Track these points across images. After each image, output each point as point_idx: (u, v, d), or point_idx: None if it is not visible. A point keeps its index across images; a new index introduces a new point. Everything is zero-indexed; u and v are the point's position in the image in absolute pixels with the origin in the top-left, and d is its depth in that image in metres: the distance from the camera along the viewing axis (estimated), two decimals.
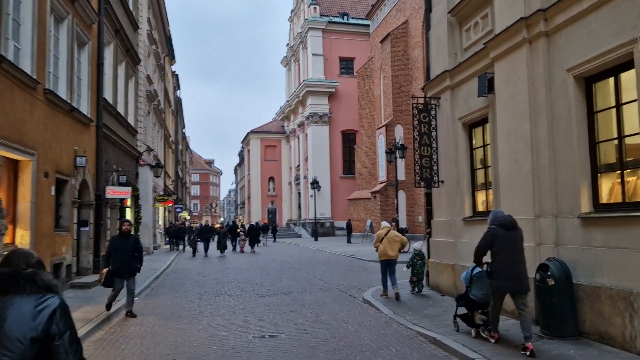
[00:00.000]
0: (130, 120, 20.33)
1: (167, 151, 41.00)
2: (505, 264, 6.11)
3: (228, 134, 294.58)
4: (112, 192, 15.60)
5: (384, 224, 11.35)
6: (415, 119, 10.62)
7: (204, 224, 29.91)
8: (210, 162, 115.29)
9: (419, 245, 11.21)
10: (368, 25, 44.28)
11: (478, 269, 6.82)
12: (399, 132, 32.87)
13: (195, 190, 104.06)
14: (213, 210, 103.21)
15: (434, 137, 10.61)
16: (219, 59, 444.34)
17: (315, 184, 41.27)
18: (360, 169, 41.24)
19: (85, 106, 13.68)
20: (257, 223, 35.89)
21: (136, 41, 21.78)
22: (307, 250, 28.16)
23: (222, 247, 24.82)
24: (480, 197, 9.70)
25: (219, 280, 14.46)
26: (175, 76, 50.48)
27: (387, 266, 10.49)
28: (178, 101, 54.06)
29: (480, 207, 9.66)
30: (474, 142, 9.82)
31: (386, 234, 10.60)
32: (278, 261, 20.78)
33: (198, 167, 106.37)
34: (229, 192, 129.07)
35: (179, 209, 41.79)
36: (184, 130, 68.37)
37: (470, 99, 9.49)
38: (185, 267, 18.80)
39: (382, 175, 35.31)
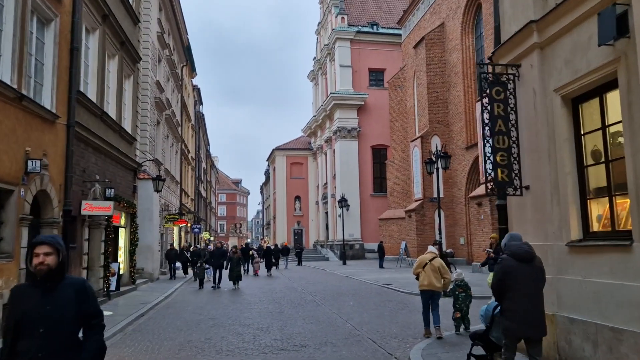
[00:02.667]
0: (127, 125, 17.51)
1: (186, 167, 38.40)
2: (517, 303, 5.10)
3: (257, 155, 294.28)
4: (90, 207, 12.64)
5: (431, 248, 9.47)
6: (485, 96, 7.24)
7: (216, 246, 25.02)
8: (237, 182, 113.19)
9: (459, 274, 9.53)
10: (399, 35, 41.26)
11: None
12: (436, 144, 29.34)
13: (222, 210, 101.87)
14: (239, 231, 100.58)
15: (513, 121, 7.19)
16: (249, 82, 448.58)
17: (343, 203, 37.90)
18: (392, 186, 37.79)
19: (48, 97, 10.81)
20: (276, 245, 33.08)
21: (136, 37, 19.10)
22: (334, 276, 24.66)
23: (235, 277, 19.06)
24: (597, 208, 6.21)
25: (216, 321, 11.17)
26: (196, 90, 48.18)
27: (430, 299, 8.98)
28: (200, 116, 51.71)
29: (596, 225, 6.18)
30: (582, 124, 6.39)
31: (431, 260, 9.08)
32: (298, 291, 17.42)
33: (225, 187, 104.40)
34: (257, 212, 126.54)
35: (196, 230, 38.86)
36: (208, 148, 66.10)
37: (578, 57, 6.09)
38: (185, 300, 15.59)
39: (417, 192, 31.73)
